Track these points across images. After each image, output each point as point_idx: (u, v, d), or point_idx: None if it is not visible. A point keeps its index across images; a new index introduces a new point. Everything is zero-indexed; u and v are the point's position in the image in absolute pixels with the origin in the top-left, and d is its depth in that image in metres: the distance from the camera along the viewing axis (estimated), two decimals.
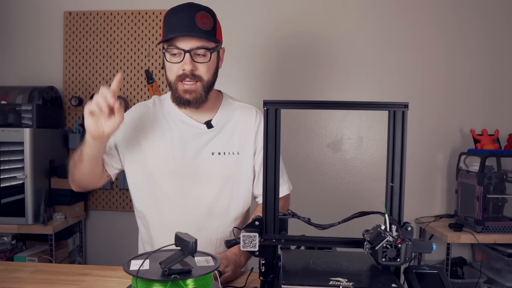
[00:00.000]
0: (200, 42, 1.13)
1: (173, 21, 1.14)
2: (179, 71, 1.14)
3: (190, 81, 1.15)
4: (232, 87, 2.60)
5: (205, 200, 1.22)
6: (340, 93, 2.59)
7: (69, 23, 2.66)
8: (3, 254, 2.28)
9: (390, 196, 0.83)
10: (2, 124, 2.30)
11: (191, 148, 1.22)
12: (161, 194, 1.22)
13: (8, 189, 2.28)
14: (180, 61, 1.13)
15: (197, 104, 1.18)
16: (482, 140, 2.36)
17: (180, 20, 1.12)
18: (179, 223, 1.21)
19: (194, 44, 1.12)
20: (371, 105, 0.82)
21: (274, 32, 2.60)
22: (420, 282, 0.78)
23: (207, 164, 1.22)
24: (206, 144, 1.23)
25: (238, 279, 1.10)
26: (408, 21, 2.55)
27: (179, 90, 1.17)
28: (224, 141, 1.24)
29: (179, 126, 1.24)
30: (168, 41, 1.14)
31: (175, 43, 1.13)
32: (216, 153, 1.23)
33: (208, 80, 1.18)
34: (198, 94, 1.17)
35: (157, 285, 0.74)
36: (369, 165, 2.59)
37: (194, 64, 1.14)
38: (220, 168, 1.23)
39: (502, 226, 2.13)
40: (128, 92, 2.65)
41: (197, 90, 1.16)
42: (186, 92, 1.16)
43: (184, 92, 1.16)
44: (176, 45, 1.13)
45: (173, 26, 1.13)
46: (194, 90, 1.16)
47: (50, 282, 1.04)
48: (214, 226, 1.24)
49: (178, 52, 1.13)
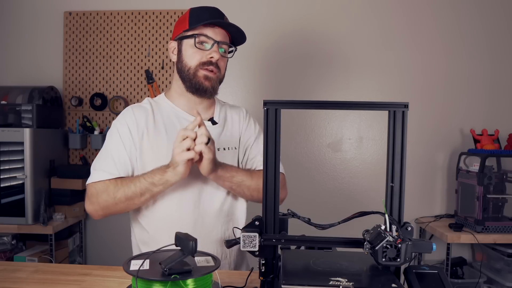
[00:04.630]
0: (227, 38, 1.22)
1: (204, 13, 1.19)
2: (204, 58, 1.18)
3: (211, 69, 1.19)
4: (232, 87, 2.60)
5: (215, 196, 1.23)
6: (340, 93, 2.59)
7: (69, 23, 2.67)
8: (3, 254, 2.28)
9: (390, 196, 0.83)
10: (2, 124, 2.30)
11: None
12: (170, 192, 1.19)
13: (8, 189, 2.28)
14: (209, 49, 1.18)
15: (211, 94, 1.23)
16: (482, 140, 2.36)
17: (212, 14, 1.19)
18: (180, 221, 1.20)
19: (223, 38, 1.20)
20: (371, 105, 0.83)
21: (274, 32, 2.60)
22: (420, 282, 0.78)
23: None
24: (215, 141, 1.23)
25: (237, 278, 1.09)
26: (408, 21, 2.55)
27: (199, 76, 1.19)
28: (228, 137, 1.29)
29: (184, 124, 1.22)
30: (199, 29, 1.18)
31: (206, 32, 1.18)
32: (221, 148, 1.26)
33: (223, 75, 1.25)
34: (214, 83, 1.21)
35: (157, 285, 0.74)
36: (369, 165, 2.59)
37: (220, 55, 1.20)
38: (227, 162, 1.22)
39: (502, 226, 2.13)
40: (128, 92, 2.65)
41: (214, 79, 1.21)
42: (206, 78, 1.19)
43: (205, 78, 1.19)
44: (206, 34, 1.18)
45: (206, 16, 1.18)
46: (213, 78, 1.20)
47: (50, 282, 1.04)
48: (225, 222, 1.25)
49: (207, 41, 1.18)
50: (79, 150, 2.66)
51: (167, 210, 1.21)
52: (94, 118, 2.66)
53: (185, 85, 1.22)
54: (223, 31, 1.21)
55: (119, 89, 2.65)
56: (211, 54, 1.18)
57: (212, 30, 1.18)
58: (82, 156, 2.64)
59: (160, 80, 2.63)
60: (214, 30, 1.18)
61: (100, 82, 2.66)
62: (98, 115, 2.66)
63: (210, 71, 1.19)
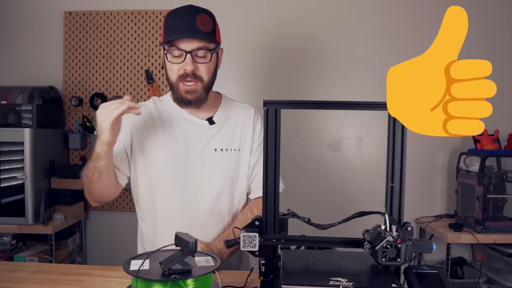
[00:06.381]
0: (201, 43, 1.15)
1: (174, 23, 1.16)
2: (180, 71, 1.17)
3: (191, 81, 1.17)
4: (232, 87, 2.60)
5: (208, 197, 1.23)
6: (340, 93, 2.59)
7: (69, 23, 2.66)
8: (3, 254, 2.28)
9: (390, 196, 0.83)
10: (2, 124, 2.30)
11: (195, 145, 1.24)
12: (165, 191, 1.23)
13: (8, 189, 2.28)
14: (182, 61, 1.16)
15: (198, 104, 1.21)
16: (482, 140, 2.36)
17: (181, 22, 1.15)
18: (181, 221, 1.22)
19: (195, 45, 1.15)
20: (371, 105, 0.82)
21: (273, 32, 2.60)
22: (420, 282, 0.78)
23: (210, 160, 1.24)
24: (209, 141, 1.25)
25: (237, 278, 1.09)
26: (408, 20, 2.55)
27: (181, 91, 1.19)
28: (226, 138, 1.27)
29: (181, 123, 1.26)
30: (170, 43, 1.16)
31: (177, 44, 1.15)
32: (218, 149, 1.25)
33: (208, 80, 1.21)
34: (199, 94, 1.20)
35: (157, 285, 0.74)
36: (369, 165, 2.59)
37: (195, 65, 1.17)
38: (223, 164, 1.25)
39: (502, 226, 2.13)
40: (128, 92, 2.65)
41: (198, 90, 1.19)
42: (187, 92, 1.19)
43: (186, 92, 1.19)
44: (177, 46, 1.15)
45: (174, 28, 1.15)
46: (195, 90, 1.19)
47: (50, 282, 1.04)
48: (215, 223, 1.25)
49: (180, 53, 1.16)
50: (79, 150, 2.66)
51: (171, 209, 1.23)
52: (94, 118, 2.66)
53: (172, 96, 1.26)
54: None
55: (119, 89, 2.65)
56: (184, 67, 1.16)
57: (183, 41, 1.14)
58: (82, 156, 2.64)
59: (160, 80, 2.63)
60: (185, 39, 1.14)
61: (100, 82, 2.66)
62: None
63: (189, 84, 1.17)
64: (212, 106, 1.30)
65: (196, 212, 1.23)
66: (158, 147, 1.23)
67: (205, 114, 1.28)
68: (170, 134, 1.24)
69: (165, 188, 1.23)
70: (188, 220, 1.22)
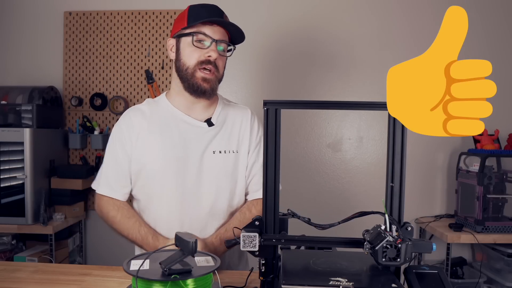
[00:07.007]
0: (226, 37, 1.20)
1: (202, 11, 1.17)
2: (202, 57, 1.17)
3: (210, 69, 1.17)
4: (232, 87, 2.60)
5: (207, 199, 1.22)
6: (340, 93, 2.59)
7: (69, 23, 2.67)
8: (3, 254, 2.28)
9: (390, 196, 0.83)
10: (2, 124, 2.30)
11: (194, 147, 1.22)
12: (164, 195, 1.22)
13: (8, 189, 2.28)
14: (207, 47, 1.16)
15: (210, 95, 1.21)
16: (482, 140, 2.36)
17: (210, 12, 1.17)
18: (181, 224, 1.21)
19: (222, 36, 1.18)
20: (371, 105, 0.82)
21: (274, 31, 2.60)
22: (420, 282, 0.78)
23: (209, 163, 1.22)
24: (208, 143, 1.23)
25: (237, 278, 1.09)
26: (408, 21, 2.55)
27: (197, 78, 1.18)
28: (225, 140, 1.25)
29: (180, 125, 1.23)
30: (196, 27, 1.16)
31: (204, 30, 1.16)
32: (217, 151, 1.23)
33: (221, 75, 1.23)
34: (213, 85, 1.19)
35: (157, 285, 0.74)
36: (369, 165, 2.59)
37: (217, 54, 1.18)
38: (221, 167, 1.23)
39: (502, 226, 2.13)
40: (128, 92, 2.65)
41: (213, 80, 1.19)
42: (204, 80, 1.18)
43: (203, 80, 1.18)
44: (205, 32, 1.16)
45: (204, 13, 1.16)
46: (212, 79, 1.19)
47: (50, 282, 1.04)
48: (215, 225, 1.24)
49: (204, 39, 1.16)
50: (79, 150, 2.66)
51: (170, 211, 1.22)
52: (94, 118, 2.66)
53: (183, 84, 1.21)
54: (222, 29, 1.19)
55: (119, 89, 2.65)
56: (209, 53, 1.16)
57: (210, 28, 1.16)
58: (82, 156, 2.64)
59: (160, 80, 2.63)
60: (213, 29, 1.16)
61: (100, 82, 2.66)
62: (98, 115, 2.66)
63: (208, 72, 1.17)
64: (209, 106, 1.27)
65: (195, 215, 1.22)
66: (156, 151, 1.21)
67: (203, 115, 1.26)
68: (167, 137, 1.21)
69: (164, 191, 1.21)
70: (188, 223, 1.21)
